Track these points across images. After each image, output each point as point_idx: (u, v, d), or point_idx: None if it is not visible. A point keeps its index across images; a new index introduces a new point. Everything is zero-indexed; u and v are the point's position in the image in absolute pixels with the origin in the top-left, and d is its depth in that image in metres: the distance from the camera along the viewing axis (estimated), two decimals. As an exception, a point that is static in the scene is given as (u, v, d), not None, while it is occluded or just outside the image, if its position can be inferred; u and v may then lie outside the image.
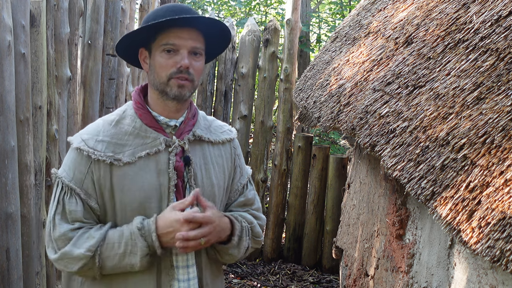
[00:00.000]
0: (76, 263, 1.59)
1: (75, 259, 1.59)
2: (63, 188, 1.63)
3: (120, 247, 1.59)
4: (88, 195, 1.62)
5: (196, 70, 1.63)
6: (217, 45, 1.78)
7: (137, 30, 1.65)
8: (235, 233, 1.70)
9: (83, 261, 1.58)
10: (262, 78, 5.06)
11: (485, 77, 1.93)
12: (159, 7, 1.67)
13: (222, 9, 10.76)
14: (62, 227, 1.60)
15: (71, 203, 1.61)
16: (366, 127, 2.53)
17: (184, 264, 1.67)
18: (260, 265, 4.94)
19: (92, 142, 1.63)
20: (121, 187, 1.62)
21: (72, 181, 1.62)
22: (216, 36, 1.72)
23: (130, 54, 1.74)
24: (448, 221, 1.65)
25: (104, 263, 1.60)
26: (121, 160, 1.62)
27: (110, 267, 1.61)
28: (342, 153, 6.83)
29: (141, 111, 1.68)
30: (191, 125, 1.73)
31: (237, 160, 1.86)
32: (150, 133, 1.66)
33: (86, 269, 1.61)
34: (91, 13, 3.54)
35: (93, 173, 1.62)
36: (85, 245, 1.58)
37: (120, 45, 1.70)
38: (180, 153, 1.68)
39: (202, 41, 1.66)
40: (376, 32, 3.34)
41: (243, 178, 1.87)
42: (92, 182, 1.62)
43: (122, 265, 1.60)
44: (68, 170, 1.64)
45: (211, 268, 1.76)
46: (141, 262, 1.59)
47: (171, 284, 1.65)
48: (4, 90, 2.52)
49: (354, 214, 3.39)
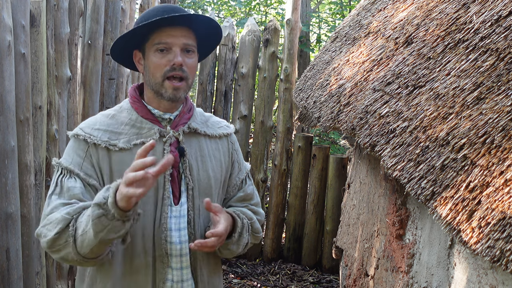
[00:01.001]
0: (53, 228, 1.54)
1: (54, 222, 1.55)
2: (62, 171, 1.65)
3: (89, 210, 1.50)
4: (88, 175, 1.63)
5: (189, 67, 1.67)
6: (209, 43, 1.82)
7: (129, 32, 1.68)
8: (236, 230, 1.73)
9: (60, 224, 1.53)
10: (262, 78, 5.06)
11: (485, 77, 1.93)
12: (150, 8, 1.71)
13: (222, 9, 10.76)
14: (56, 202, 1.59)
15: (69, 181, 1.62)
16: (366, 127, 2.53)
17: (178, 253, 1.69)
18: (260, 265, 4.94)
19: (89, 129, 1.68)
20: (121, 172, 1.60)
21: (71, 164, 1.64)
22: (207, 33, 1.76)
23: (125, 57, 1.77)
24: (448, 221, 1.65)
25: (77, 232, 1.52)
26: (116, 146, 1.65)
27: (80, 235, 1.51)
28: (342, 153, 6.83)
29: (137, 105, 1.72)
30: (186, 118, 1.76)
31: (235, 155, 1.89)
32: (146, 124, 1.70)
33: (63, 242, 1.54)
34: (91, 13, 3.54)
35: (92, 156, 1.64)
36: (66, 210, 1.56)
37: (115, 48, 1.73)
38: (175, 144, 1.71)
39: (193, 38, 1.69)
40: (376, 32, 3.34)
41: (241, 173, 1.89)
42: (91, 164, 1.64)
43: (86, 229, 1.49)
44: (67, 157, 1.67)
45: (207, 259, 1.78)
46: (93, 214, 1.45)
47: (166, 271, 1.68)
48: (4, 90, 2.52)
49: (354, 214, 3.39)
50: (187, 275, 1.71)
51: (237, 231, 1.73)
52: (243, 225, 1.76)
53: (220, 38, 1.82)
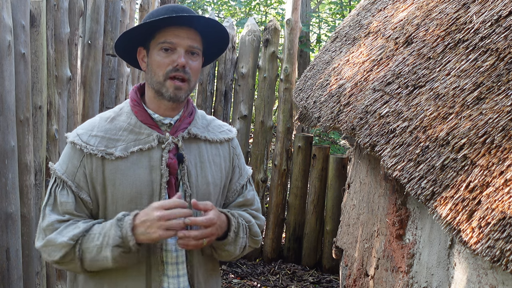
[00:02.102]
0: (58, 251, 1.59)
1: (57, 246, 1.59)
2: (56, 180, 1.66)
3: (99, 238, 1.58)
4: (80, 187, 1.64)
5: (193, 69, 1.65)
6: (215, 47, 1.79)
7: (136, 27, 1.66)
8: (231, 229, 1.69)
9: (65, 249, 1.58)
10: (262, 78, 5.06)
11: (485, 77, 1.93)
12: (160, 7, 1.69)
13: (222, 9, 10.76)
14: (51, 217, 1.62)
15: (62, 195, 1.63)
16: (366, 127, 2.53)
17: (174, 261, 1.68)
18: (260, 265, 4.94)
19: (86, 136, 1.66)
20: (113, 181, 1.63)
21: (65, 174, 1.65)
22: (214, 37, 1.73)
23: (129, 54, 1.75)
24: (448, 221, 1.65)
25: (84, 255, 1.59)
26: (113, 154, 1.63)
27: (89, 259, 1.59)
28: (342, 153, 6.83)
29: (137, 108, 1.70)
30: (186, 123, 1.73)
31: (236, 160, 1.86)
32: (144, 130, 1.67)
33: (68, 260, 1.60)
34: (91, 13, 3.54)
35: (85, 166, 1.64)
36: (69, 234, 1.58)
37: (119, 43, 1.72)
38: (173, 150, 1.69)
39: (199, 41, 1.67)
40: (376, 32, 3.34)
41: (242, 179, 1.86)
42: (84, 175, 1.64)
43: (99, 258, 1.58)
44: (62, 164, 1.67)
45: (205, 266, 1.75)
46: (112, 253, 1.55)
47: (161, 279, 1.66)
48: (4, 90, 2.52)
49: (354, 214, 3.39)
50: (184, 283, 1.69)
51: (233, 230, 1.69)
52: (238, 224, 1.72)
53: (227, 43, 1.79)
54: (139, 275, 1.64)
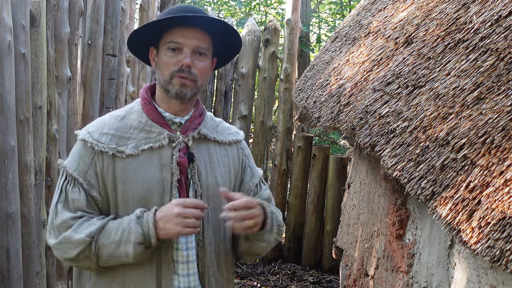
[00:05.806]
0: (74, 248, 1.59)
1: (74, 243, 1.59)
2: (67, 178, 1.66)
3: (116, 234, 1.59)
4: (91, 185, 1.64)
5: (199, 70, 1.65)
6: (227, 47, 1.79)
7: (143, 27, 1.69)
8: (268, 215, 1.69)
9: (81, 246, 1.59)
10: (262, 78, 5.06)
11: (485, 77, 1.93)
12: (173, 7, 1.70)
13: (222, 9, 10.76)
14: (64, 214, 1.62)
15: (74, 192, 1.64)
16: (366, 127, 2.53)
17: (184, 259, 1.68)
18: (260, 265, 4.94)
19: (97, 134, 1.67)
20: (124, 179, 1.63)
21: (76, 171, 1.65)
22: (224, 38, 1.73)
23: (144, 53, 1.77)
24: (448, 221, 1.65)
25: (101, 251, 1.59)
26: (123, 152, 1.64)
27: (106, 256, 1.60)
28: (342, 153, 6.83)
29: (147, 107, 1.71)
30: (196, 123, 1.74)
31: (246, 160, 1.87)
32: (155, 128, 1.68)
33: (83, 257, 1.60)
34: (91, 13, 3.54)
35: (96, 164, 1.64)
36: (86, 231, 1.59)
37: (131, 42, 1.74)
38: (184, 149, 1.69)
39: (208, 41, 1.67)
40: (376, 32, 3.33)
41: (254, 178, 1.87)
42: (95, 173, 1.64)
43: (117, 254, 1.59)
44: (73, 161, 1.67)
45: (217, 265, 1.75)
46: (135, 250, 1.57)
47: (172, 277, 1.66)
48: (4, 90, 2.52)
49: (354, 214, 3.39)
50: (195, 281, 1.69)
51: (269, 217, 1.69)
52: (272, 212, 1.73)
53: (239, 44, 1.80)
54: (149, 274, 1.64)
